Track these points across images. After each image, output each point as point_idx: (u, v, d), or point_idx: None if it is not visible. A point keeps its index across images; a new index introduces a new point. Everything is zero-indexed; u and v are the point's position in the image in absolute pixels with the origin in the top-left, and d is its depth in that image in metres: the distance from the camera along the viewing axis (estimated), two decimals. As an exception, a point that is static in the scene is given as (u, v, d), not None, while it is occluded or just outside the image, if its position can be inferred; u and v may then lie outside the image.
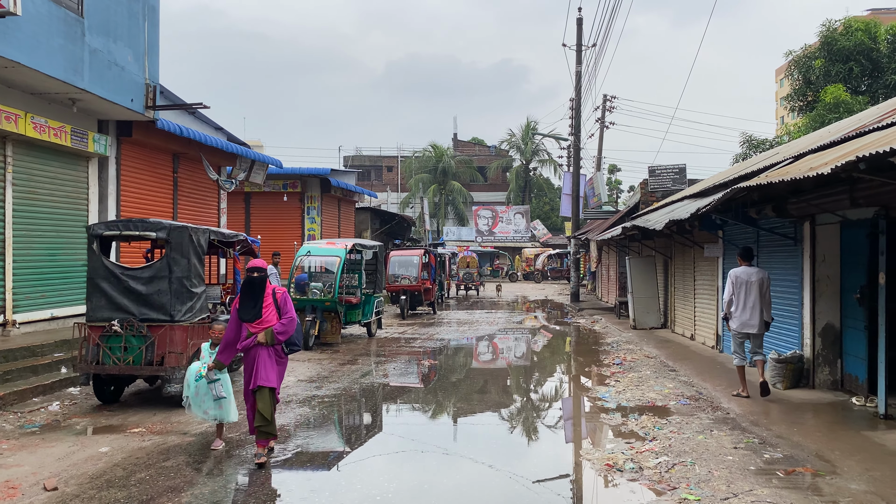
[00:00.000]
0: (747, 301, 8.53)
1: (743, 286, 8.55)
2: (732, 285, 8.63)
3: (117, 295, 8.21)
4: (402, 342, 15.31)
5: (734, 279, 8.64)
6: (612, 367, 11.68)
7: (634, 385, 9.96)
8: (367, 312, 15.66)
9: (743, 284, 8.55)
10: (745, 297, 8.54)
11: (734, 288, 8.61)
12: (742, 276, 8.60)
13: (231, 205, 22.78)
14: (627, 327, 17.47)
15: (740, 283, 8.58)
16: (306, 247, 14.62)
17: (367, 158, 69.11)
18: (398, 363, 12.33)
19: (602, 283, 28.52)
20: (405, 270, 21.69)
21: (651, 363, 11.97)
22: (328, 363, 12.10)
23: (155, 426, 7.55)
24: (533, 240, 55.27)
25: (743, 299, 8.56)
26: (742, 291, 8.55)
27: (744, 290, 8.54)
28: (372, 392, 9.82)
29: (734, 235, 11.93)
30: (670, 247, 16.76)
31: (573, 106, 28.25)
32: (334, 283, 13.83)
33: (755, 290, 8.50)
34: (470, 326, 19.01)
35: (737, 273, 8.68)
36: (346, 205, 26.02)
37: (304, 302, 13.86)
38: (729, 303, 8.68)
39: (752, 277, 8.57)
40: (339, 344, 14.33)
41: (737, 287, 8.59)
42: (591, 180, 30.35)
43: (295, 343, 6.77)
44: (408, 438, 7.54)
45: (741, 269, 8.72)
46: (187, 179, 15.77)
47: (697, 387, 9.73)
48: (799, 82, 26.00)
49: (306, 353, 13.29)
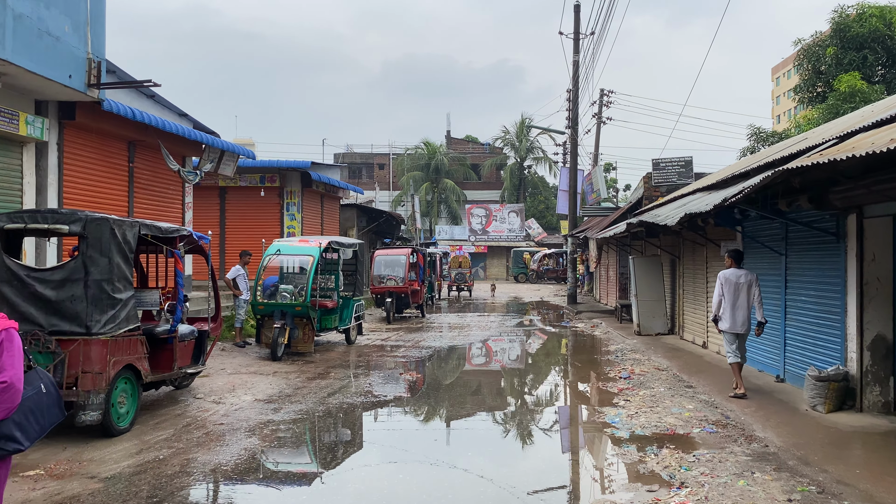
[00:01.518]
0: (737, 302, 8.71)
1: (732, 288, 8.73)
2: (722, 287, 8.78)
3: (21, 302, 6.70)
4: (383, 351, 13.83)
5: (724, 281, 8.80)
6: (620, 382, 10.23)
7: (648, 406, 8.50)
8: (346, 317, 14.17)
9: (732, 286, 8.73)
10: (735, 298, 8.72)
11: (724, 290, 8.77)
12: (731, 279, 8.78)
13: (204, 200, 21.26)
14: (631, 333, 16.04)
15: (730, 284, 8.74)
16: (276, 245, 13.11)
17: (359, 156, 67.54)
18: (375, 378, 10.84)
19: (601, 284, 27.09)
20: (391, 271, 20.20)
21: (663, 377, 10.53)
22: (296, 377, 10.61)
23: (58, 466, 6.05)
24: (527, 239, 53.80)
25: (732, 301, 8.72)
26: (731, 293, 8.73)
27: (733, 292, 8.72)
28: (338, 418, 8.33)
29: (757, 231, 10.49)
30: (678, 245, 15.34)
31: (570, 97, 26.81)
32: (306, 286, 12.33)
33: (744, 291, 8.70)
34: (460, 332, 17.53)
35: (726, 275, 8.84)
36: (330, 201, 24.48)
37: (273, 307, 12.35)
38: (718, 304, 8.83)
39: (742, 279, 8.74)
40: (312, 353, 12.84)
41: (726, 289, 8.75)
42: (588, 176, 28.90)
43: (12, 437, 3.63)
44: (379, 493, 6.06)
45: (730, 271, 8.87)
46: (145, 170, 14.23)
47: (722, 408, 8.29)
48: (808, 72, 24.65)
49: (274, 364, 11.81)
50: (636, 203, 19.90)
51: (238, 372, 11.04)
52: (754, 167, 10.64)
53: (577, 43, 25.90)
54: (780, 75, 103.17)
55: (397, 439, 7.58)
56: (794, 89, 25.80)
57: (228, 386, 9.83)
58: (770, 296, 10.11)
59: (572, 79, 26.14)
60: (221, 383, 10.01)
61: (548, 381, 11.66)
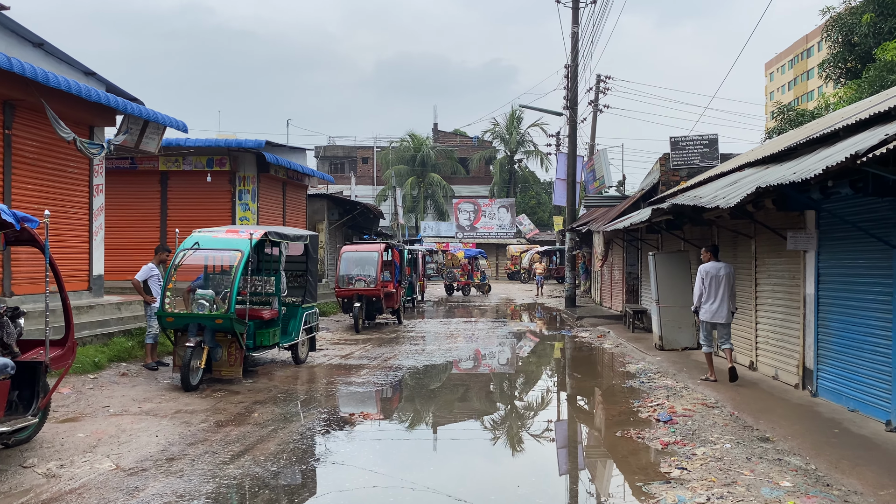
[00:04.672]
0: (717, 294, 9.19)
1: (713, 280, 9.22)
2: (703, 280, 9.29)
3: None
4: (340, 373, 10.73)
5: (704, 274, 9.28)
6: (660, 429, 7.19)
7: (721, 483, 5.45)
8: (292, 330, 11.07)
9: (713, 279, 9.22)
10: (715, 290, 9.21)
11: (704, 282, 9.27)
12: (712, 272, 9.26)
13: (143, 186, 18.16)
14: (649, 346, 13.04)
15: (710, 277, 9.24)
16: (195, 236, 9.95)
17: (341, 149, 64.23)
18: (314, 423, 7.73)
19: (603, 285, 24.09)
20: (360, 270, 17.07)
21: (719, 420, 7.49)
22: (201, 421, 7.49)
23: None
24: (518, 235, 50.76)
25: (713, 292, 9.21)
26: (712, 285, 9.23)
27: (713, 284, 9.22)
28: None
29: (849, 213, 7.47)
30: (711, 238, 12.35)
31: (568, 73, 23.78)
32: (230, 291, 9.21)
33: (724, 283, 9.19)
34: (440, 345, 14.45)
35: (706, 268, 9.32)
36: (295, 189, 21.29)
37: (184, 319, 9.24)
38: (700, 296, 9.32)
39: (721, 272, 9.23)
40: (240, 381, 9.72)
41: (707, 281, 9.25)
42: (590, 162, 25.89)
43: None
44: None
45: (709, 264, 9.35)
46: (31, 140, 11.07)
47: (836, 485, 5.27)
48: (839, 45, 21.70)
49: (183, 397, 8.70)
50: (650, 189, 16.92)
51: (124, 412, 7.91)
52: (841, 126, 7.65)
53: (575, 12, 22.88)
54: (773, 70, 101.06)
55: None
56: (821, 65, 22.86)
57: (92, 439, 6.70)
58: (872, 306, 7.14)
59: (571, 53, 23.12)
60: (85, 434, 6.89)
61: (559, 427, 8.61)
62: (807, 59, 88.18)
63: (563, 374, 11.98)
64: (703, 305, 9.27)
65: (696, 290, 9.42)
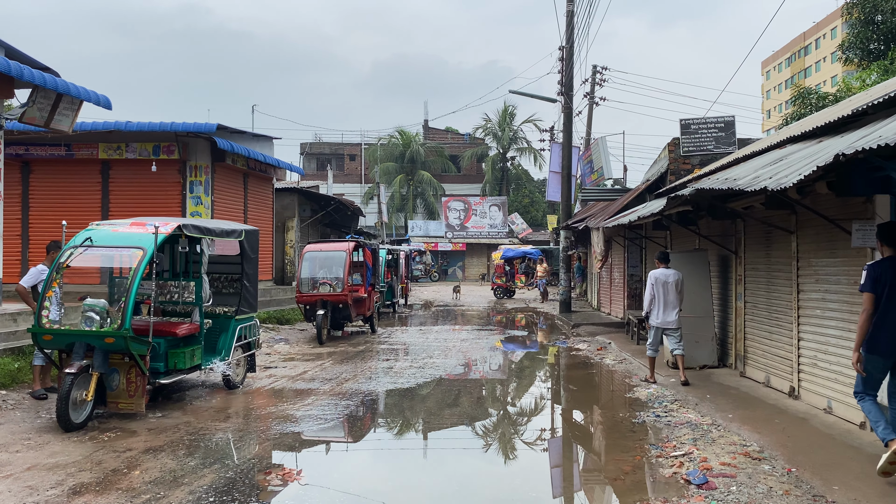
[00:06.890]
0: (667, 299, 9.42)
1: (662, 286, 9.43)
2: (653, 286, 9.48)
3: None
4: (280, 402, 8.59)
5: (654, 280, 9.50)
6: (693, 497, 5.10)
7: None
8: (222, 348, 8.93)
9: (662, 285, 9.43)
10: (665, 296, 9.42)
11: (654, 289, 9.47)
12: (661, 278, 9.47)
13: (81, 177, 16.01)
14: (659, 363, 10.92)
15: (660, 283, 9.44)
16: (87, 231, 7.80)
17: (327, 146, 61.93)
18: (213, 484, 5.60)
19: (601, 288, 22.02)
20: (326, 272, 14.92)
21: (773, 482, 5.39)
22: (55, 483, 5.36)
23: None
24: (511, 235, 48.63)
25: (663, 298, 9.42)
26: (661, 291, 9.43)
27: (663, 290, 9.43)
28: None
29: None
30: (735, 235, 10.29)
31: (563, 56, 21.69)
32: (126, 300, 7.07)
33: (672, 289, 9.42)
34: (415, 360, 12.34)
35: (656, 275, 9.55)
36: (259, 182, 19.08)
37: (66, 338, 7.10)
38: (651, 301, 9.50)
39: (670, 279, 9.46)
40: (144, 416, 7.57)
41: (657, 287, 9.45)
42: (587, 153, 23.83)
43: None
44: None
45: (659, 271, 9.58)
46: None
47: None
48: (859, 25, 19.74)
49: (56, 441, 6.58)
50: (657, 179, 14.84)
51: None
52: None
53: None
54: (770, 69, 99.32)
55: None
56: (840, 46, 20.88)
57: None
58: None
59: (566, 33, 21.03)
60: None
61: (553, 488, 6.51)
62: (804, 58, 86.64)
63: (558, 397, 9.89)
64: (654, 311, 9.48)
65: (646, 296, 9.65)
